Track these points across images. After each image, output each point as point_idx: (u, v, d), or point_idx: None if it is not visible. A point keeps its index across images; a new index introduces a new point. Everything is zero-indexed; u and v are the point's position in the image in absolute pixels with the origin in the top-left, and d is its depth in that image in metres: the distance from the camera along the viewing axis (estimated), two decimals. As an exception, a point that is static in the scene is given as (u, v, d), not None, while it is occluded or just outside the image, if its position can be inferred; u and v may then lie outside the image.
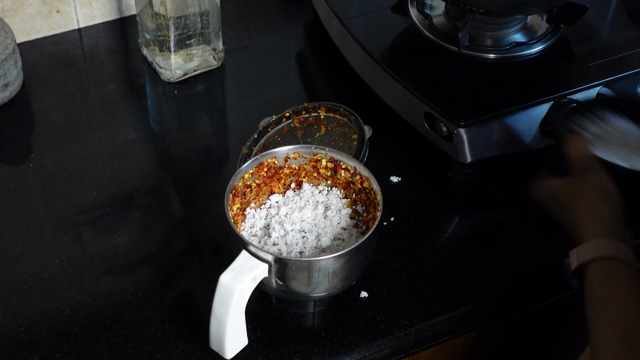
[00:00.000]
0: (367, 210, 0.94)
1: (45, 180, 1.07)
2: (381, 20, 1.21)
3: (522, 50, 1.13)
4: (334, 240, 0.92)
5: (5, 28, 1.15)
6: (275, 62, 1.28)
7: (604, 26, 1.22)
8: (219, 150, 1.15)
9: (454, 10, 1.18)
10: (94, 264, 0.98)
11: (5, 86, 1.13)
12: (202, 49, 1.21)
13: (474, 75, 1.11)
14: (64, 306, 0.93)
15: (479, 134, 1.03)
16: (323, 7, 1.25)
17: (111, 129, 1.15)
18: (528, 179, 0.95)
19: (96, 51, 1.27)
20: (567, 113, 1.01)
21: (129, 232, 1.01)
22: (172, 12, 1.14)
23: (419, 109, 1.07)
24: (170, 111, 1.20)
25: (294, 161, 0.97)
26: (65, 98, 1.19)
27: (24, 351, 0.89)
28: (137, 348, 0.89)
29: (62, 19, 1.27)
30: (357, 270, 0.89)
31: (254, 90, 1.22)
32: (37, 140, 1.13)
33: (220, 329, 0.84)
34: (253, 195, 0.95)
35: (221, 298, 0.82)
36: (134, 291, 0.95)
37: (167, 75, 1.21)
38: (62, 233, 1.01)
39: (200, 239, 1.01)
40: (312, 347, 0.90)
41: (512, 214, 1.05)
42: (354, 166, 0.95)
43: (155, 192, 1.06)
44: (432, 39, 1.15)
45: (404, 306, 0.94)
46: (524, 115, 1.06)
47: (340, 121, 1.05)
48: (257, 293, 0.92)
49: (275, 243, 0.91)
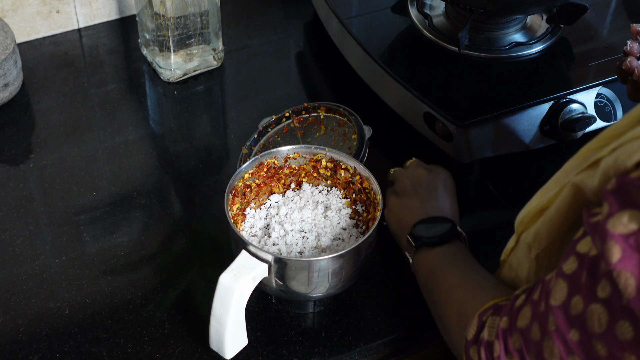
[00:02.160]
0: (367, 210, 0.94)
1: (45, 180, 1.07)
2: (381, 20, 1.21)
3: (522, 50, 1.13)
4: (334, 240, 0.92)
5: (5, 28, 1.15)
6: (275, 62, 1.28)
7: (604, 26, 1.22)
8: (219, 150, 1.15)
9: (454, 10, 1.18)
10: (94, 264, 0.98)
11: (5, 86, 1.13)
12: (202, 49, 1.21)
13: (473, 75, 1.11)
14: (64, 306, 0.93)
15: (478, 134, 1.03)
16: (323, 7, 1.25)
17: (111, 129, 1.15)
18: (528, 179, 0.95)
19: (96, 51, 1.27)
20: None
21: (129, 232, 1.01)
22: (172, 12, 1.14)
23: (418, 109, 1.07)
24: (170, 111, 1.20)
25: (293, 161, 0.97)
26: (65, 98, 1.19)
27: (24, 351, 0.89)
28: (137, 348, 0.89)
29: (62, 19, 1.27)
30: (357, 270, 0.89)
31: (254, 90, 1.22)
32: (37, 140, 1.13)
33: (220, 329, 0.84)
34: (253, 195, 0.95)
35: (221, 298, 0.82)
36: (134, 291, 0.95)
37: (167, 75, 1.21)
38: (62, 233, 1.01)
39: (200, 239, 1.01)
40: (312, 347, 0.90)
41: (512, 214, 1.05)
42: (354, 166, 0.95)
43: (155, 192, 1.06)
44: (432, 39, 1.15)
45: (404, 306, 0.94)
46: (523, 115, 1.06)
47: (340, 121, 1.05)
48: (257, 293, 0.92)
49: (275, 243, 0.91)
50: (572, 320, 0.61)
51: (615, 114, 1.10)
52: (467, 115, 1.03)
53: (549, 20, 1.17)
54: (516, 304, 0.70)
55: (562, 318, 0.62)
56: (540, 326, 0.65)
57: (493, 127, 1.04)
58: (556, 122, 1.06)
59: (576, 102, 1.07)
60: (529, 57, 1.13)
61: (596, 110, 1.09)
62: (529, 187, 1.08)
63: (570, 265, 0.62)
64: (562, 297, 0.62)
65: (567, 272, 0.62)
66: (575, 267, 0.61)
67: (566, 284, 0.62)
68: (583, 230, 0.62)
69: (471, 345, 0.74)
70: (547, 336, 0.64)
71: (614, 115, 1.10)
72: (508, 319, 0.70)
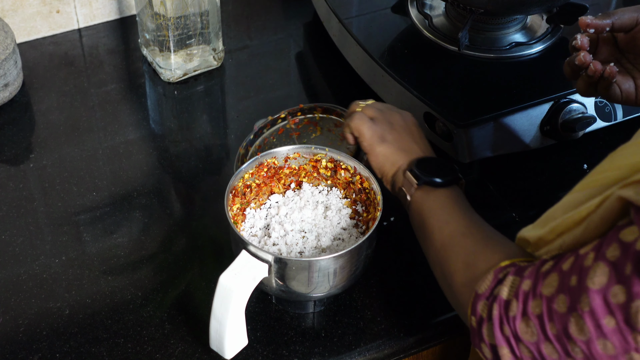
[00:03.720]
0: (367, 210, 0.94)
1: (45, 180, 1.07)
2: (381, 20, 1.21)
3: (522, 50, 1.13)
4: (334, 240, 0.92)
5: (5, 28, 1.15)
6: (275, 62, 1.28)
7: (604, 26, 1.22)
8: (219, 150, 1.15)
9: (454, 10, 1.18)
10: (94, 264, 0.98)
11: (5, 86, 1.13)
12: (202, 49, 1.21)
13: (473, 75, 1.11)
14: (64, 306, 0.93)
15: (478, 134, 1.03)
16: (323, 7, 1.25)
17: (111, 129, 1.15)
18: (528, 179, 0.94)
19: (96, 51, 1.27)
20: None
21: (129, 232, 1.02)
22: (172, 12, 1.14)
23: (418, 108, 1.07)
24: (170, 111, 1.20)
25: (293, 161, 0.97)
26: (65, 98, 1.19)
27: (24, 351, 0.89)
28: (137, 348, 0.89)
29: (62, 19, 1.27)
30: (357, 270, 0.89)
31: (254, 90, 1.22)
32: (37, 140, 1.13)
33: (220, 329, 0.84)
34: (253, 196, 0.95)
35: (221, 298, 0.82)
36: (134, 291, 0.95)
37: (167, 75, 1.21)
38: (62, 233, 1.01)
39: (200, 239, 1.01)
40: (312, 347, 0.90)
41: (512, 214, 1.05)
42: (354, 166, 0.95)
43: (155, 192, 1.06)
44: (432, 39, 1.15)
45: (404, 306, 0.94)
46: (523, 115, 1.06)
47: (337, 122, 1.05)
48: (257, 293, 0.92)
49: (275, 243, 0.91)
50: (611, 308, 0.61)
51: (615, 114, 1.10)
52: (467, 115, 1.03)
53: (549, 20, 1.17)
54: (542, 269, 0.69)
55: (600, 303, 0.62)
56: (568, 300, 0.64)
57: (493, 127, 1.04)
58: (556, 122, 1.06)
59: (576, 102, 1.07)
60: (529, 57, 1.13)
61: (596, 110, 1.09)
62: (529, 187, 1.09)
63: (613, 252, 0.62)
64: (602, 282, 0.62)
65: (610, 259, 0.62)
66: (619, 254, 0.61)
67: (608, 270, 0.61)
68: (628, 219, 0.62)
69: (482, 299, 0.73)
70: (575, 312, 0.63)
71: (614, 115, 1.10)
72: (531, 283, 0.69)
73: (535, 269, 0.70)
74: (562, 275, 0.66)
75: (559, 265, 0.67)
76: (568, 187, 0.73)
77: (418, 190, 0.88)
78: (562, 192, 0.74)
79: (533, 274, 0.69)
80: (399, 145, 0.92)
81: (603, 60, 0.89)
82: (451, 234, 0.82)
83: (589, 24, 0.87)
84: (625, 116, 1.11)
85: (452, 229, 0.83)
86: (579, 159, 1.11)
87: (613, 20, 0.87)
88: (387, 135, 0.93)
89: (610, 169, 0.67)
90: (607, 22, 0.87)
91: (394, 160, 0.91)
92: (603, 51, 0.90)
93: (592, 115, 1.07)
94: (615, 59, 0.90)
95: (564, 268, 0.66)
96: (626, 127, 1.07)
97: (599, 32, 0.87)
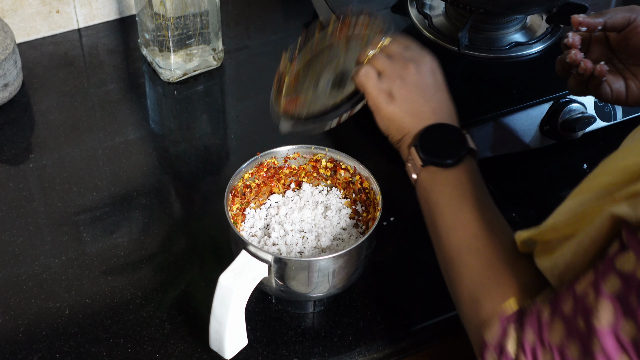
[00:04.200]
0: (367, 210, 0.94)
1: (45, 180, 1.07)
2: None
3: (522, 50, 1.13)
4: (334, 240, 0.92)
5: (5, 28, 1.15)
6: (275, 62, 1.28)
7: (604, 26, 1.22)
8: (219, 150, 1.15)
9: (454, 10, 1.18)
10: (94, 264, 0.98)
11: (4, 86, 1.13)
12: (202, 49, 1.21)
13: (473, 75, 1.11)
14: (63, 306, 0.93)
15: (478, 134, 1.03)
16: (323, 7, 1.25)
17: (111, 129, 1.15)
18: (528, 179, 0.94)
19: (96, 51, 1.27)
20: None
21: (129, 232, 1.02)
22: (171, 12, 1.14)
23: (418, 109, 1.06)
24: (170, 111, 1.20)
25: (293, 161, 0.97)
26: (65, 98, 1.19)
27: (24, 351, 0.89)
28: (137, 348, 0.90)
29: (61, 19, 1.27)
30: (357, 270, 0.89)
31: (254, 90, 1.22)
32: (37, 140, 1.13)
33: (220, 329, 0.84)
34: (253, 195, 0.95)
35: (221, 298, 0.82)
36: (134, 291, 0.95)
37: (167, 75, 1.21)
38: (62, 233, 1.01)
39: (200, 239, 1.01)
40: (312, 347, 0.90)
41: (512, 214, 1.05)
42: (354, 166, 0.95)
43: (155, 192, 1.06)
44: (432, 39, 1.15)
45: (404, 306, 0.94)
46: (523, 115, 1.06)
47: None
48: (257, 293, 0.92)
49: (275, 243, 0.91)
50: (623, 345, 0.59)
51: (615, 114, 1.10)
52: (467, 115, 1.03)
53: (549, 20, 1.17)
54: (542, 316, 0.66)
55: (612, 343, 0.59)
56: (580, 345, 0.62)
57: (493, 127, 1.04)
58: (556, 122, 1.06)
59: (576, 102, 1.07)
60: (529, 57, 1.13)
61: (596, 110, 1.09)
62: (529, 187, 1.09)
63: (612, 284, 0.59)
64: (609, 320, 0.59)
65: (612, 293, 0.59)
66: (619, 286, 0.58)
67: (612, 306, 0.59)
68: (619, 244, 0.60)
69: (490, 349, 0.70)
70: (588, 356, 0.61)
71: (614, 115, 1.10)
72: (534, 333, 0.66)
73: (535, 317, 0.67)
74: (566, 320, 0.63)
75: (559, 309, 0.65)
76: (568, 187, 0.72)
77: (424, 170, 0.83)
78: (562, 192, 0.74)
79: (534, 322, 0.67)
80: (407, 107, 0.86)
81: (595, 59, 0.88)
82: (458, 246, 0.78)
83: (581, 22, 0.86)
84: (625, 116, 1.11)
85: (459, 238, 0.79)
86: (578, 159, 1.11)
87: (605, 19, 0.86)
88: (395, 92, 0.86)
89: (601, 174, 0.65)
90: (599, 20, 0.86)
91: (400, 126, 0.86)
92: (595, 50, 0.90)
93: (592, 115, 1.07)
94: (606, 59, 0.89)
95: (566, 312, 0.63)
96: (626, 127, 1.07)
97: (591, 30, 0.87)
